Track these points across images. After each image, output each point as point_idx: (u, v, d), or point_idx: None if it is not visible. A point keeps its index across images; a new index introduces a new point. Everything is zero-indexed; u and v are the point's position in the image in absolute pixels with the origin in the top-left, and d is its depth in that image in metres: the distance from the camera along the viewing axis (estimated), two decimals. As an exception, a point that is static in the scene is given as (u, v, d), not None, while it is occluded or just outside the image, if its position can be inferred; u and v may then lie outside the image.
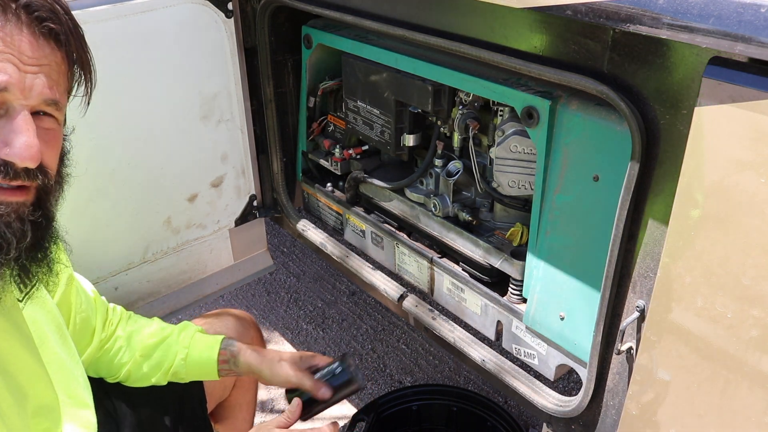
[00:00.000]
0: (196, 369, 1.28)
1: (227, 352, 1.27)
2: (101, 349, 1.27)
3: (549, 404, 1.30)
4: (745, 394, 0.89)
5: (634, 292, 1.06)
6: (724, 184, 0.83)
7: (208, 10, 1.62)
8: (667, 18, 0.83)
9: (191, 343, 1.28)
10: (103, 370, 1.29)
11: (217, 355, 1.27)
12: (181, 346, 1.28)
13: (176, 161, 1.71)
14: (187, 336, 1.29)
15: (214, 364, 1.27)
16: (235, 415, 1.55)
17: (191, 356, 1.27)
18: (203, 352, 1.27)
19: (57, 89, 0.83)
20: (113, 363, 1.27)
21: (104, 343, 1.27)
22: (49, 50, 0.81)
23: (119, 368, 1.28)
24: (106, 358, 1.27)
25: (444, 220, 1.48)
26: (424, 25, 1.26)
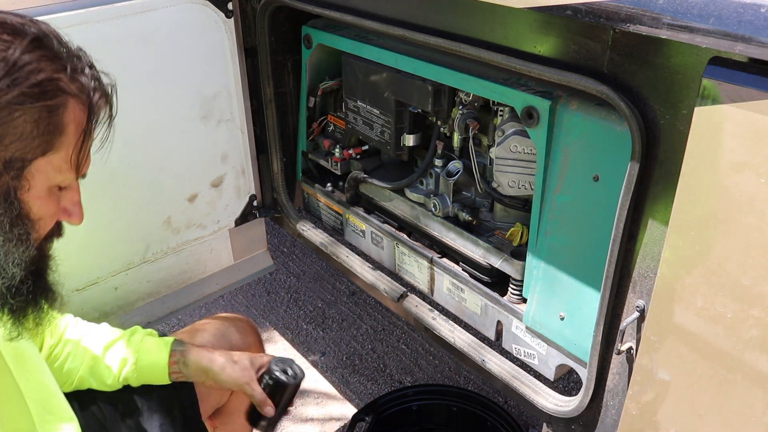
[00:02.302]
0: (147, 372, 1.26)
1: (177, 353, 1.26)
2: (50, 356, 1.25)
3: (549, 404, 1.30)
4: (745, 394, 0.89)
5: (634, 292, 1.06)
6: (724, 184, 0.83)
7: (208, 10, 1.62)
8: (667, 18, 0.83)
9: (141, 347, 1.26)
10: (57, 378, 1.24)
11: (168, 356, 1.26)
12: (131, 349, 1.26)
13: (176, 161, 1.71)
14: (136, 339, 1.28)
15: (165, 365, 1.25)
16: (234, 421, 1.53)
17: (141, 360, 1.25)
18: (153, 353, 1.26)
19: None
20: (63, 369, 1.24)
21: (53, 348, 1.25)
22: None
23: (69, 374, 1.25)
24: (56, 364, 1.25)
25: (444, 220, 1.48)
26: (424, 25, 1.26)
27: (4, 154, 0.78)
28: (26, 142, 0.79)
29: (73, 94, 0.82)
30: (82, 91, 0.83)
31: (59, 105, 0.80)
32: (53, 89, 0.79)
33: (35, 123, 0.78)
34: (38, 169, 0.82)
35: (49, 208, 0.86)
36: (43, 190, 0.84)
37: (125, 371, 1.25)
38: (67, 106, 0.81)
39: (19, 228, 0.82)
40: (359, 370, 2.36)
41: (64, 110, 0.81)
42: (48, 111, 0.79)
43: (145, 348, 1.27)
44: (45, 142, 0.80)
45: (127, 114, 1.56)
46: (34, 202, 0.83)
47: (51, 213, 0.87)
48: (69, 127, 0.82)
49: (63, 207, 0.90)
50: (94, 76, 0.86)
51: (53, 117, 0.80)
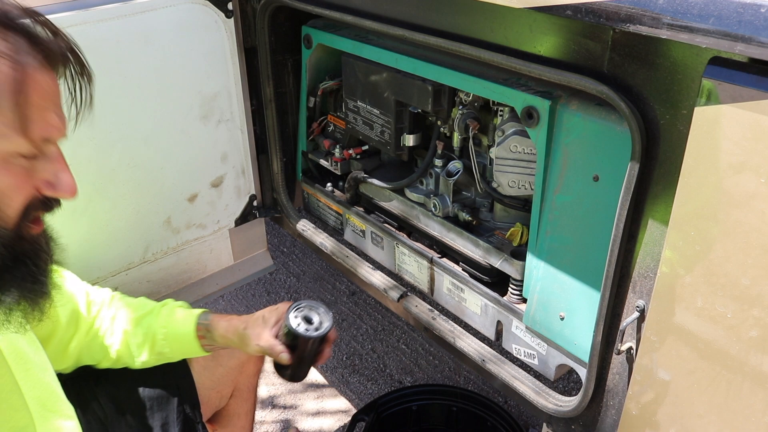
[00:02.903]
0: (178, 345, 1.27)
1: (202, 327, 1.26)
2: (89, 333, 1.26)
3: (549, 404, 1.30)
4: (745, 395, 0.89)
5: (634, 292, 1.06)
6: (724, 184, 0.83)
7: (208, 10, 1.62)
8: (667, 18, 0.83)
9: (169, 321, 1.27)
10: (97, 354, 1.27)
11: (195, 329, 1.25)
12: (160, 324, 1.26)
13: (176, 161, 1.71)
14: (165, 313, 1.28)
15: (194, 339, 1.26)
16: (234, 424, 1.53)
17: (170, 334, 1.26)
18: (181, 328, 1.26)
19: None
20: (102, 345, 1.26)
21: (90, 326, 1.26)
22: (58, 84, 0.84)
23: (107, 350, 1.26)
24: (95, 341, 1.26)
25: (444, 220, 1.48)
26: (424, 25, 1.26)
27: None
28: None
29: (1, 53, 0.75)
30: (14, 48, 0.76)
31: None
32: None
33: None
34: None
35: (8, 181, 0.78)
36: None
37: (157, 346, 1.26)
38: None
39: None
40: (359, 370, 2.36)
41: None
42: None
43: (172, 322, 1.27)
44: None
45: (128, 114, 1.58)
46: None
47: (14, 186, 0.79)
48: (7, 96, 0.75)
49: (44, 180, 0.82)
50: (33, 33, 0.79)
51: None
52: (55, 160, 0.83)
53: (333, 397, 2.25)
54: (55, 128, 0.82)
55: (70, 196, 0.84)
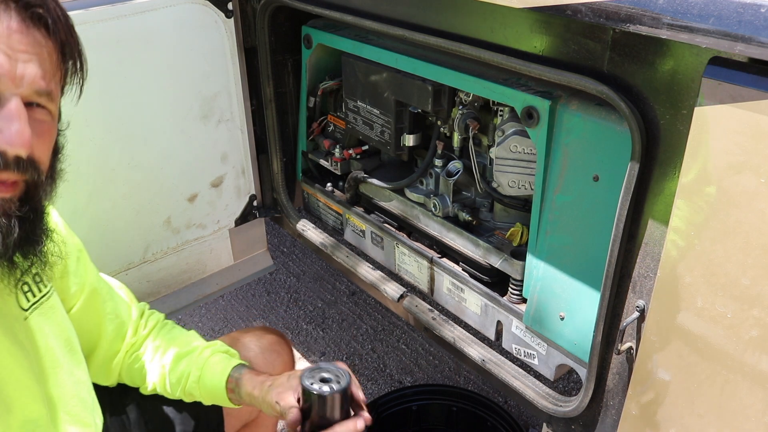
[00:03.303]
0: (208, 394, 1.21)
1: (233, 380, 1.18)
2: (131, 356, 1.23)
3: (549, 404, 1.30)
4: (745, 394, 0.89)
5: (634, 292, 1.06)
6: (724, 184, 0.83)
7: (208, 10, 1.62)
8: (667, 18, 0.83)
9: (204, 365, 1.20)
10: (136, 378, 1.25)
11: (226, 382, 1.18)
12: (196, 366, 1.20)
13: (176, 161, 1.71)
14: (203, 357, 1.21)
15: (223, 392, 1.18)
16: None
17: (203, 379, 1.20)
18: (214, 377, 1.19)
19: (50, 79, 0.82)
20: (141, 373, 1.23)
21: (135, 349, 1.24)
22: (40, 37, 0.80)
23: (145, 378, 1.23)
24: (136, 365, 1.23)
25: (444, 220, 1.48)
26: (424, 25, 1.26)
27: None
28: None
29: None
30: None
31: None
32: None
33: None
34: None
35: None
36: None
37: (188, 387, 1.20)
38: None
39: None
40: (359, 370, 2.36)
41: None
42: None
43: (208, 367, 1.20)
44: None
45: (128, 114, 1.58)
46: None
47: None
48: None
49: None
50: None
51: None
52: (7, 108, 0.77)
53: (333, 397, 2.25)
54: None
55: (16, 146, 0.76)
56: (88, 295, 1.15)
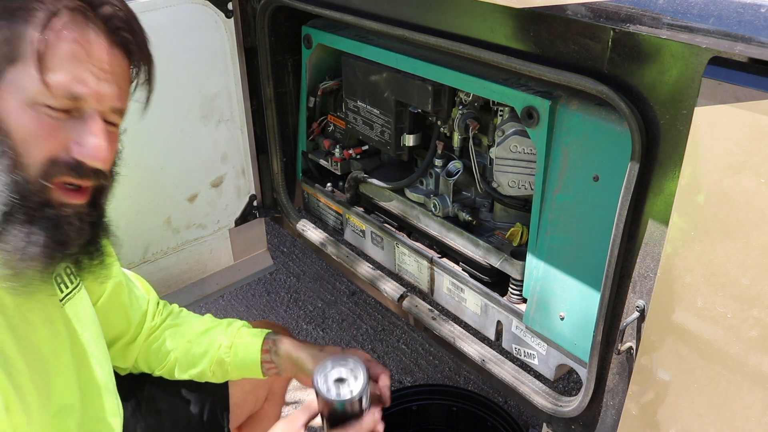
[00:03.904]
0: (240, 361, 1.23)
1: (270, 341, 1.23)
2: (148, 339, 1.27)
3: (549, 404, 1.30)
4: (745, 394, 0.89)
5: (634, 292, 1.06)
6: (724, 184, 0.83)
7: (208, 10, 1.62)
8: (667, 18, 0.83)
9: (238, 333, 1.25)
10: (153, 360, 1.28)
11: (261, 343, 1.22)
12: (228, 334, 1.25)
13: (176, 161, 1.71)
14: (234, 327, 1.27)
15: (258, 353, 1.21)
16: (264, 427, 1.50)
17: (236, 344, 1.23)
18: (248, 340, 1.24)
19: (124, 99, 0.88)
20: (160, 351, 1.26)
21: (153, 331, 1.28)
22: (121, 58, 0.86)
23: (166, 356, 1.26)
24: (154, 346, 1.27)
25: (444, 220, 1.48)
26: (424, 25, 1.26)
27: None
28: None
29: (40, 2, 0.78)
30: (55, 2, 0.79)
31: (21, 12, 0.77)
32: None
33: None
34: (8, 79, 0.78)
35: (32, 127, 0.79)
36: (17, 103, 0.78)
37: (221, 352, 1.23)
38: (32, 12, 0.78)
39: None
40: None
41: (28, 16, 0.77)
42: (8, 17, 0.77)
43: (241, 333, 1.25)
44: (8, 50, 0.77)
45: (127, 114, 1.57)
46: (7, 115, 0.78)
47: (36, 134, 0.80)
48: (32, 34, 0.78)
49: (75, 141, 0.83)
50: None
51: (14, 23, 0.77)
52: (90, 122, 0.83)
53: (333, 397, 2.25)
54: (84, 85, 0.81)
55: (94, 162, 0.84)
56: (113, 287, 1.18)
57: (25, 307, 0.89)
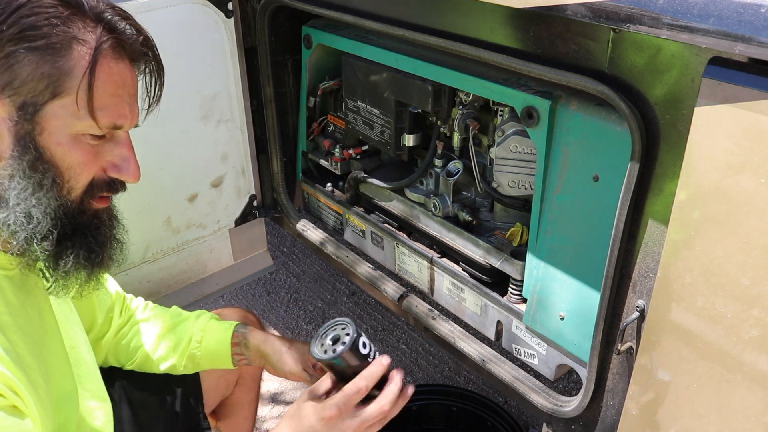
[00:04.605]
0: (211, 354, 1.29)
1: (239, 335, 1.28)
2: (117, 335, 1.29)
3: (549, 404, 1.30)
4: (745, 394, 0.89)
5: (634, 292, 1.06)
6: (723, 184, 0.83)
7: (208, 10, 1.62)
8: (667, 18, 0.83)
9: (206, 326, 1.29)
10: (122, 355, 1.30)
11: (231, 337, 1.27)
12: (197, 328, 1.28)
13: (176, 161, 1.71)
14: (203, 320, 1.31)
15: (228, 346, 1.27)
16: (237, 413, 1.55)
17: (206, 339, 1.28)
18: (218, 333, 1.28)
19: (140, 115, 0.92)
20: (130, 346, 1.29)
21: (121, 327, 1.29)
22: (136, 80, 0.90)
23: (135, 351, 1.29)
24: (123, 342, 1.29)
25: (444, 220, 1.48)
26: (424, 25, 1.26)
27: (16, 99, 0.79)
28: (33, 84, 0.79)
29: (80, 37, 0.81)
30: (94, 35, 0.82)
31: (62, 46, 0.79)
32: (56, 31, 0.79)
33: (38, 65, 0.78)
34: (52, 113, 0.81)
35: (76, 156, 0.85)
36: (64, 136, 0.83)
37: (191, 348, 1.27)
38: (72, 47, 0.80)
39: (39, 173, 0.82)
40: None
41: (69, 52, 0.80)
42: (50, 53, 0.79)
43: (210, 327, 1.29)
44: (52, 85, 0.80)
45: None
46: (55, 148, 0.83)
47: (80, 162, 0.85)
48: (75, 69, 0.81)
49: (111, 162, 0.89)
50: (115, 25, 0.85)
51: (56, 58, 0.79)
52: (123, 145, 0.90)
53: (333, 397, 2.25)
54: (125, 117, 0.87)
55: (133, 180, 0.92)
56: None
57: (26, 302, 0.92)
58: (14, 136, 0.81)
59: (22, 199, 0.82)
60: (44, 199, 0.83)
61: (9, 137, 0.81)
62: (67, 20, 0.80)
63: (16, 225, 0.83)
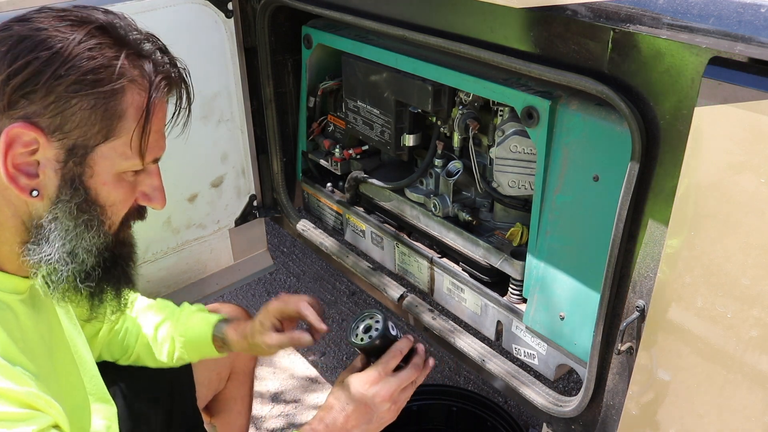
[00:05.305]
0: (199, 354, 1.31)
1: (218, 340, 1.29)
2: (110, 332, 1.30)
3: (549, 404, 1.30)
4: (745, 394, 0.89)
5: (634, 292, 1.06)
6: (723, 184, 0.83)
7: (208, 10, 1.62)
8: (667, 18, 0.83)
9: (186, 330, 1.30)
10: (116, 350, 1.31)
11: (212, 341, 1.29)
12: (179, 333, 1.30)
13: (176, 161, 1.71)
14: (182, 323, 1.31)
15: (212, 349, 1.30)
16: (230, 408, 1.56)
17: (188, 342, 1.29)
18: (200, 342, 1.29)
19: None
20: (123, 344, 1.30)
21: (113, 325, 1.30)
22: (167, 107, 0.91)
23: (128, 348, 1.31)
24: (116, 339, 1.30)
25: (444, 220, 1.48)
26: (424, 25, 1.26)
27: (66, 142, 0.79)
28: (86, 128, 0.79)
29: (131, 78, 0.82)
30: (143, 75, 0.83)
31: (116, 91, 0.80)
32: (108, 75, 0.79)
33: (92, 110, 0.79)
34: (101, 155, 0.82)
35: (119, 193, 0.87)
36: (110, 176, 0.84)
37: (176, 353, 1.30)
38: (125, 91, 0.81)
39: (87, 214, 0.84)
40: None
41: (122, 96, 0.81)
42: (104, 97, 0.79)
43: (190, 327, 1.30)
44: (105, 128, 0.81)
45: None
46: (101, 187, 0.84)
47: (122, 198, 0.88)
48: (128, 111, 0.82)
49: (142, 192, 0.91)
50: (158, 61, 0.86)
51: (110, 103, 0.80)
52: (154, 174, 0.92)
53: (333, 397, 2.25)
54: (163, 149, 0.91)
55: (160, 207, 0.94)
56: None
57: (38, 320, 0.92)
58: (62, 178, 0.81)
59: (67, 240, 0.83)
60: (89, 238, 0.85)
61: (56, 179, 0.81)
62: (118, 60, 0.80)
63: (59, 263, 0.84)
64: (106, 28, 0.82)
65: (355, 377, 1.10)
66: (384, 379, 1.09)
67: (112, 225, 0.89)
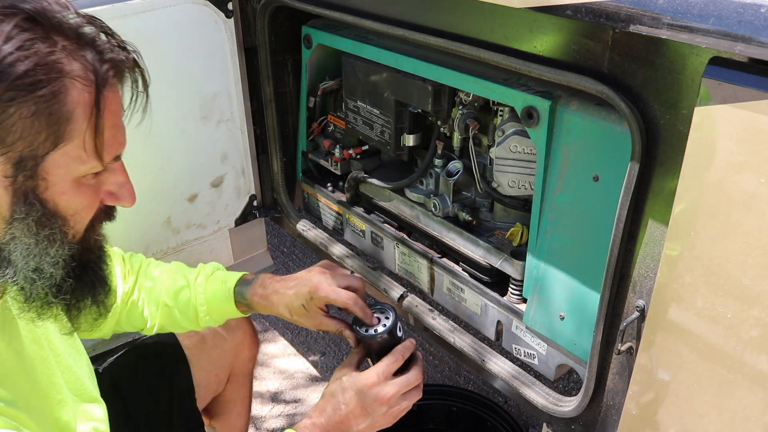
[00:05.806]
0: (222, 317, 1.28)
1: (242, 306, 1.25)
2: (127, 303, 1.25)
3: (549, 404, 1.30)
4: (745, 394, 0.89)
5: (634, 292, 1.06)
6: (724, 184, 0.83)
7: (208, 10, 1.62)
8: (667, 18, 0.83)
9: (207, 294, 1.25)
10: (138, 323, 1.26)
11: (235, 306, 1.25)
12: (200, 303, 1.24)
13: (176, 161, 1.71)
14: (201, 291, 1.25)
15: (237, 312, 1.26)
16: (230, 410, 1.56)
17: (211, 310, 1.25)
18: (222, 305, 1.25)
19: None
20: (142, 315, 1.25)
21: (128, 296, 1.25)
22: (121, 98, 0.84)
23: (150, 318, 1.25)
24: (134, 311, 1.25)
25: (444, 220, 1.48)
26: (424, 25, 1.26)
27: (11, 155, 0.71)
28: (30, 138, 0.71)
29: (73, 74, 0.72)
30: (85, 68, 0.74)
31: (57, 92, 0.71)
32: (46, 75, 0.70)
33: (34, 117, 0.70)
34: (54, 163, 0.75)
35: (81, 200, 0.80)
36: (67, 184, 0.77)
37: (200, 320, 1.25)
38: (68, 90, 0.72)
39: (47, 228, 0.77)
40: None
41: (65, 96, 0.72)
42: (45, 101, 0.71)
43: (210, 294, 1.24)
44: (52, 135, 0.72)
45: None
46: (59, 198, 0.77)
47: (86, 204, 0.82)
48: (75, 112, 0.73)
49: (107, 191, 0.85)
50: (101, 47, 0.76)
51: (53, 106, 0.71)
52: (118, 171, 0.86)
53: (333, 397, 2.25)
54: (123, 144, 0.84)
55: (129, 204, 0.88)
56: None
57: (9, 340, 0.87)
58: (14, 195, 0.74)
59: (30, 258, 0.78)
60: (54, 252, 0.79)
61: (7, 196, 0.74)
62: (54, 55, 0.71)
63: (26, 282, 0.79)
64: (35, 18, 0.71)
65: (355, 377, 1.08)
66: (383, 382, 1.07)
67: (77, 234, 0.83)
